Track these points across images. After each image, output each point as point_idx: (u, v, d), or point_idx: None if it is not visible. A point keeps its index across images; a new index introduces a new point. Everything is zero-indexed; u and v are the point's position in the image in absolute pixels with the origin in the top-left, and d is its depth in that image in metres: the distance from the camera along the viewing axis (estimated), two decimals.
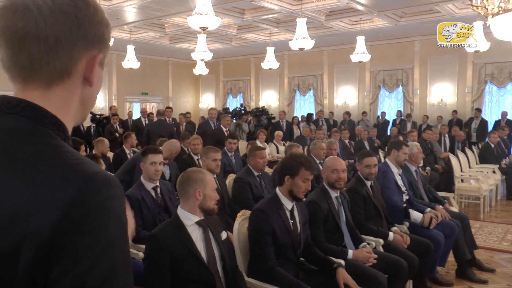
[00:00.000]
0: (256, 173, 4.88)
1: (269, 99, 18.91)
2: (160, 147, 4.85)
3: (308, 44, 10.58)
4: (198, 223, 2.68)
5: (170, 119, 11.30)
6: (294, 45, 10.64)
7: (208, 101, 20.89)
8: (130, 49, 14.00)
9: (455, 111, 14.07)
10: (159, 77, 19.54)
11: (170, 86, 20.14)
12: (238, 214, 3.31)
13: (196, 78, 20.39)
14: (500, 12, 4.89)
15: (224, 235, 2.82)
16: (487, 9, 5.00)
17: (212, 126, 8.98)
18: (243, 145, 9.64)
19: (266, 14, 12.28)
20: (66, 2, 0.85)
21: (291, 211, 3.17)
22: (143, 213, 3.76)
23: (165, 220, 3.73)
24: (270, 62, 14.25)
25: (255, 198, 4.64)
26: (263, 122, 15.85)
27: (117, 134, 10.94)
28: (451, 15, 12.06)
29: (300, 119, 15.28)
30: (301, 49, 10.80)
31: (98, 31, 0.90)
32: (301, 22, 10.44)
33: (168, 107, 11.70)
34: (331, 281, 3.08)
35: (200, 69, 15.70)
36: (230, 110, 17.82)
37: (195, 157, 6.42)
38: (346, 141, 10.39)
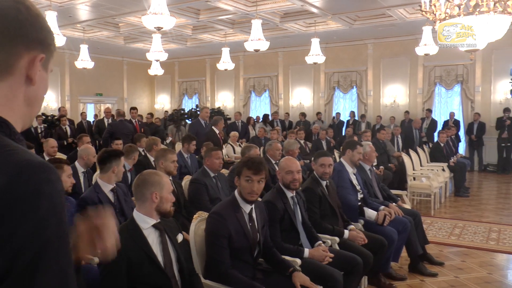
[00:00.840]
0: (212, 174, 4.87)
1: (225, 99, 18.91)
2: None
3: (263, 45, 10.64)
4: (154, 226, 2.64)
5: (136, 120, 10.90)
6: (249, 46, 10.67)
7: (163, 102, 20.67)
8: (84, 48, 13.64)
9: (407, 112, 14.52)
10: (113, 77, 19.17)
11: (125, 86, 19.80)
12: (194, 215, 3.27)
13: (151, 79, 20.14)
14: (447, 18, 5.10)
15: (180, 237, 2.79)
16: (435, 15, 5.19)
17: (204, 126, 8.70)
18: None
19: (221, 15, 12.28)
20: (8, 5, 0.91)
21: (250, 214, 3.15)
22: None
23: (121, 223, 3.67)
24: (225, 63, 14.24)
25: (211, 199, 4.62)
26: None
27: (65, 142, 10.55)
28: (402, 19, 12.46)
29: (255, 120, 15.37)
30: (256, 50, 10.85)
31: (39, 34, 0.96)
32: (256, 24, 10.49)
33: (133, 108, 11.23)
34: (289, 281, 3.11)
35: (155, 70, 15.52)
36: (186, 111, 17.70)
37: (151, 158, 6.35)
38: (302, 142, 10.52)
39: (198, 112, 16.29)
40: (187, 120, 15.43)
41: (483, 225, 7.18)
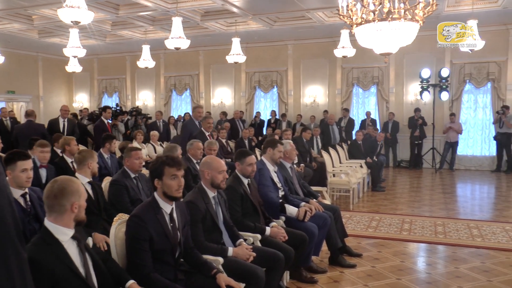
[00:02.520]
0: (132, 175, 4.75)
1: (146, 98, 18.56)
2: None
3: (184, 43, 10.54)
4: (73, 237, 2.48)
5: (108, 121, 9.86)
6: (170, 44, 10.54)
7: (82, 100, 19.84)
8: None
9: (326, 111, 15.01)
10: (27, 74, 18.06)
11: (40, 84, 18.74)
12: (115, 218, 3.18)
13: (69, 76, 19.28)
14: (363, 22, 5.34)
15: (90, 241, 2.69)
16: (352, 19, 5.41)
17: (198, 127, 8.18)
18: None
19: (141, 11, 11.99)
20: None
21: (170, 214, 3.11)
22: None
23: (36, 230, 3.44)
24: (146, 60, 14.00)
25: (132, 200, 4.51)
26: (139, 122, 15.46)
27: None
28: (321, 22, 12.87)
29: (176, 119, 15.23)
30: (177, 49, 10.73)
31: None
32: (177, 21, 10.36)
33: (108, 107, 10.14)
34: (211, 280, 3.12)
35: (73, 66, 14.86)
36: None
37: (69, 160, 6.09)
38: (224, 141, 10.57)
39: (118, 111, 15.82)
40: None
41: (397, 217, 7.61)
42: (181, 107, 18.05)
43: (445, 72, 13.50)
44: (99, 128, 9.56)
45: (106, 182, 4.89)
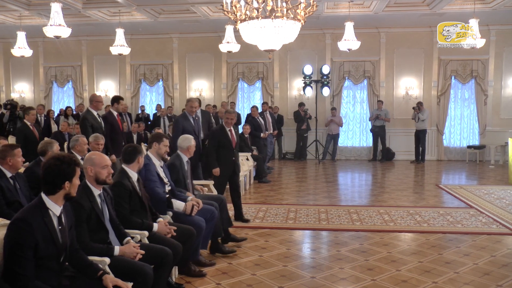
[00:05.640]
0: (9, 175, 4.39)
1: (23, 90, 17.22)
2: None
3: (65, 32, 9.99)
4: None
5: (117, 114, 8.05)
6: (49, 32, 9.91)
7: None
8: None
9: (214, 106, 15.09)
10: None
11: None
12: None
13: None
14: (247, 19, 5.43)
15: None
16: (236, 15, 5.48)
17: (192, 122, 7.37)
18: None
19: None
20: None
21: (59, 217, 2.90)
22: None
23: None
24: (21, 49, 13.00)
25: (9, 202, 4.18)
26: (20, 115, 14.29)
27: None
28: (206, 17, 12.93)
29: (59, 113, 14.41)
30: (57, 37, 10.13)
31: None
32: (56, 7, 9.77)
33: (120, 97, 8.17)
34: (97, 282, 3.00)
35: None
36: None
37: None
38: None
39: None
40: None
41: (283, 207, 7.90)
42: (62, 100, 17.05)
43: (326, 69, 14.38)
44: (107, 120, 7.80)
45: None
